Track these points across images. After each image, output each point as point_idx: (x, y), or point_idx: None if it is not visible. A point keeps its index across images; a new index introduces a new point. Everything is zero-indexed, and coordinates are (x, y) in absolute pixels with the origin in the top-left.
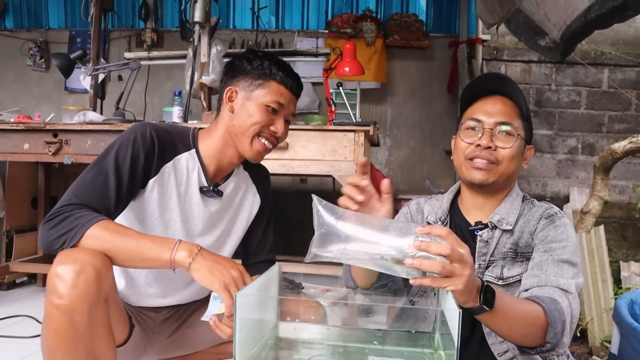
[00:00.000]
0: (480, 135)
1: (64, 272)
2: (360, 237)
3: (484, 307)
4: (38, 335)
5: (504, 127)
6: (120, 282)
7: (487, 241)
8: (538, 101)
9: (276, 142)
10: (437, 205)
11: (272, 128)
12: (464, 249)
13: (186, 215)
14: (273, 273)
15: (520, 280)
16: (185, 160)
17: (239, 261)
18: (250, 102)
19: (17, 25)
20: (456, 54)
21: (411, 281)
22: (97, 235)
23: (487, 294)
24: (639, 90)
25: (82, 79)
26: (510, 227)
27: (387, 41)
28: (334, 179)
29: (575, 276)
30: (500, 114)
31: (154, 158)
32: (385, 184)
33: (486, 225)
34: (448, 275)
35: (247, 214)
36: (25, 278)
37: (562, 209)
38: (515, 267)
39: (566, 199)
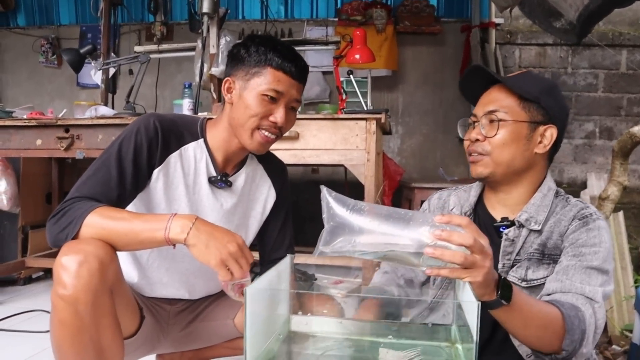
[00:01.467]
0: (473, 130)
1: (68, 262)
2: (375, 228)
3: (502, 301)
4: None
5: (488, 116)
6: (133, 274)
7: (512, 240)
8: None
9: (279, 132)
10: (464, 197)
11: (271, 118)
12: (484, 240)
13: (195, 206)
14: (285, 265)
15: (544, 284)
16: (193, 150)
17: (256, 254)
18: (246, 92)
19: (29, 22)
20: (469, 38)
21: (427, 271)
22: (93, 222)
23: (504, 288)
24: None
25: (93, 74)
26: (539, 228)
27: (397, 27)
28: (345, 168)
29: (605, 284)
30: (489, 102)
31: (158, 148)
32: None
33: (512, 223)
34: (469, 266)
35: (262, 208)
36: (41, 273)
37: (579, 195)
38: (540, 269)
39: (583, 185)
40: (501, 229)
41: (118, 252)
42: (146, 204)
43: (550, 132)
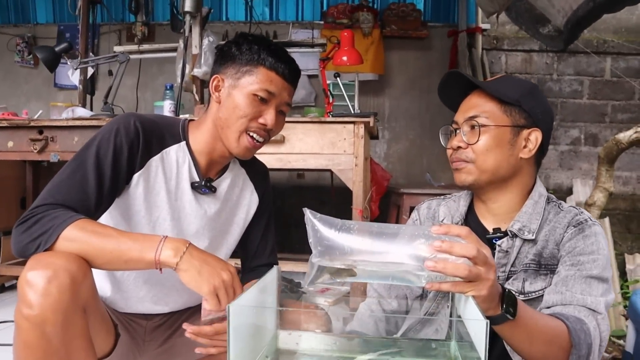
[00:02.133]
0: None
1: (35, 278)
2: (368, 248)
3: (507, 315)
4: None
5: (468, 122)
6: (106, 287)
7: (506, 251)
8: None
9: (267, 135)
10: (453, 207)
11: (260, 120)
12: (486, 251)
13: (177, 213)
14: (271, 277)
15: (543, 296)
16: (175, 153)
17: (237, 261)
18: (236, 90)
19: (4, 20)
20: (455, 43)
21: (427, 286)
22: (73, 236)
23: (509, 301)
24: None
25: (71, 75)
26: (533, 237)
27: (384, 31)
28: (332, 173)
29: (605, 293)
30: (468, 109)
31: (139, 151)
32: None
33: (505, 233)
34: (472, 279)
35: (244, 214)
36: (14, 281)
37: (565, 201)
38: (538, 280)
39: (569, 191)
40: (494, 241)
41: None
42: (123, 210)
43: (535, 136)
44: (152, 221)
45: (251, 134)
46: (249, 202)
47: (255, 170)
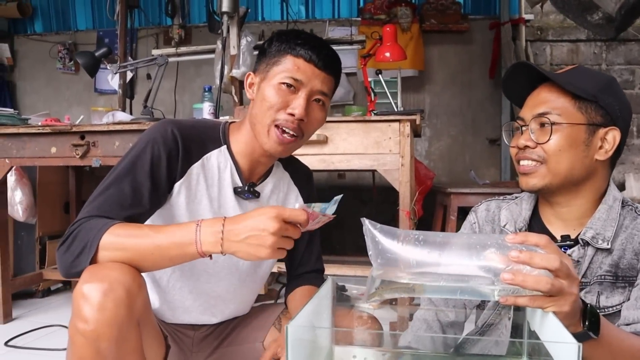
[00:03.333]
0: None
1: (90, 291)
2: (434, 260)
3: (590, 333)
4: None
5: (539, 119)
6: (154, 298)
7: (577, 261)
8: None
9: (298, 130)
10: (516, 211)
11: (288, 110)
12: (569, 262)
13: None
14: (326, 291)
15: (620, 311)
16: (216, 159)
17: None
18: (265, 83)
19: (46, 29)
20: (498, 36)
21: (501, 300)
22: (111, 244)
23: (592, 318)
24: None
25: (110, 79)
26: (609, 246)
27: (423, 26)
28: (373, 173)
29: None
30: (538, 104)
31: (179, 159)
32: None
33: (575, 241)
34: (554, 294)
35: None
36: (60, 285)
37: None
38: (615, 294)
39: (621, 187)
40: (563, 249)
41: None
42: (166, 220)
43: (613, 135)
44: None
45: (281, 126)
46: (293, 206)
47: (300, 174)
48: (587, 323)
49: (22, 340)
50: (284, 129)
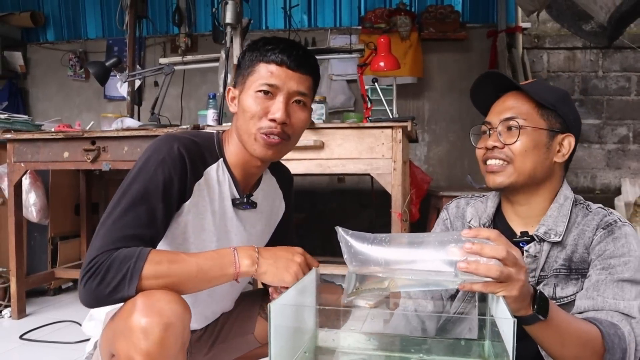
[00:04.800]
0: (489, 137)
1: (150, 327)
2: (402, 258)
3: (538, 316)
4: (81, 341)
5: (507, 122)
6: None
7: (535, 256)
8: (584, 89)
9: (282, 133)
10: (481, 208)
11: (269, 116)
12: (516, 252)
13: (222, 234)
14: (310, 278)
15: (574, 301)
16: (215, 172)
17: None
18: (243, 94)
19: (58, 37)
20: (495, 44)
21: (459, 286)
22: (155, 273)
23: (540, 302)
24: None
25: (120, 87)
26: (560, 239)
27: (422, 34)
28: (372, 177)
29: (639, 296)
30: (506, 110)
31: (187, 178)
32: None
33: (532, 238)
34: (504, 280)
35: (274, 222)
36: (70, 283)
37: (613, 201)
38: (569, 285)
39: (617, 191)
40: (521, 245)
41: None
42: (175, 238)
43: (569, 141)
44: (198, 245)
45: (266, 133)
46: (277, 210)
47: (284, 178)
48: (536, 307)
49: (35, 335)
50: (269, 135)
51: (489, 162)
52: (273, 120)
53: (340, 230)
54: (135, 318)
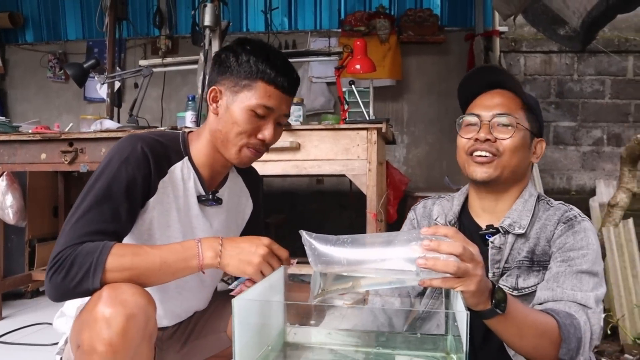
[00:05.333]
0: (479, 129)
1: (113, 316)
2: (365, 257)
3: (496, 310)
4: (56, 343)
5: (502, 118)
6: None
7: (499, 247)
8: (560, 92)
9: (265, 148)
10: (447, 206)
11: (259, 136)
12: (473, 248)
13: (187, 229)
14: (278, 275)
15: (536, 291)
16: (180, 170)
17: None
18: (234, 105)
19: (37, 38)
20: (472, 47)
21: (419, 282)
22: (119, 266)
23: (498, 296)
24: None
25: (99, 88)
26: (523, 231)
27: (401, 37)
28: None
29: (596, 287)
30: (498, 105)
31: (151, 176)
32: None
33: (498, 230)
34: (461, 275)
35: (241, 220)
36: None
37: (588, 202)
38: (531, 276)
39: (592, 192)
40: (487, 237)
41: None
42: (141, 234)
43: (541, 145)
44: (164, 243)
45: (250, 148)
46: (244, 207)
47: (251, 178)
48: (494, 301)
49: (11, 337)
50: (252, 150)
51: (477, 153)
52: (262, 139)
53: (303, 234)
54: (99, 309)
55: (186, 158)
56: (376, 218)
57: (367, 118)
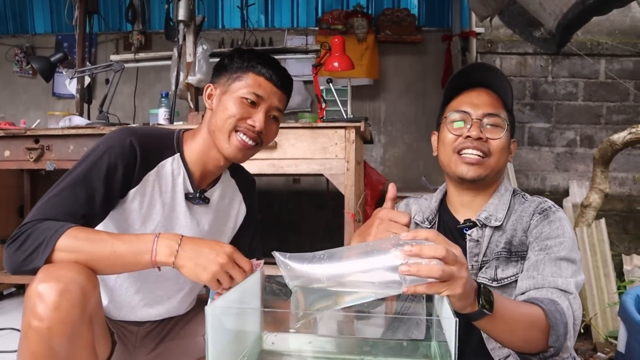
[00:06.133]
0: (469, 127)
1: (46, 291)
2: (344, 271)
3: (485, 311)
4: None
5: (492, 119)
6: (102, 297)
7: (477, 240)
8: (534, 94)
9: (258, 138)
10: (425, 204)
11: (249, 122)
12: (456, 250)
13: (171, 225)
14: (254, 280)
15: (516, 281)
16: (170, 166)
17: None
18: (226, 95)
19: (2, 31)
20: (449, 47)
21: (404, 289)
22: (68, 246)
23: (485, 297)
24: (637, 80)
25: (68, 84)
26: (500, 224)
27: (378, 36)
28: (327, 178)
29: (575, 274)
30: (487, 105)
31: (135, 168)
32: (391, 191)
33: (475, 224)
34: (446, 279)
35: (233, 224)
36: (13, 289)
37: (561, 203)
38: (510, 267)
39: (566, 193)
40: (465, 230)
41: None
42: (118, 223)
43: (514, 146)
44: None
45: (240, 134)
46: (237, 212)
47: (244, 181)
48: (481, 302)
49: None
50: (243, 137)
51: (468, 151)
52: (252, 126)
53: (277, 255)
54: (34, 284)
55: (178, 155)
56: (354, 218)
57: (345, 117)
